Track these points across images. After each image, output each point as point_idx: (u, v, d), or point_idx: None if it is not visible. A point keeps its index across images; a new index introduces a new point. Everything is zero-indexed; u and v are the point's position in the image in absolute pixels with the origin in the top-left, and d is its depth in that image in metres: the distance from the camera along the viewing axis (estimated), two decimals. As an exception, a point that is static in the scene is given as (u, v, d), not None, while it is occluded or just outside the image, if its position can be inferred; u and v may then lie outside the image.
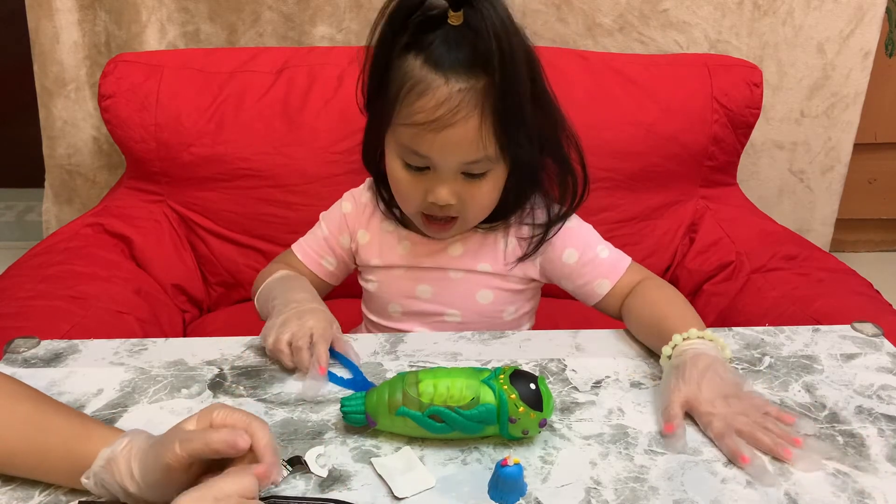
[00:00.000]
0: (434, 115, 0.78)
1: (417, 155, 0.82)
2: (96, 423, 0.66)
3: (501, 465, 0.63)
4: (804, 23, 1.54)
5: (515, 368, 0.70)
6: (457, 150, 0.81)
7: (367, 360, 0.83)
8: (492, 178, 0.84)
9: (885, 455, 0.70)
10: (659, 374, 0.81)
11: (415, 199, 0.86)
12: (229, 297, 1.34)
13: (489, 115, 0.79)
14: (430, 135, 0.79)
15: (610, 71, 1.33)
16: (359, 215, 0.98)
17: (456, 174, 0.83)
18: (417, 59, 0.80)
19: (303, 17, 1.52)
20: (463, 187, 0.84)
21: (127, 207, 1.30)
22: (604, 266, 0.92)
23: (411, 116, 0.80)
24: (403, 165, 0.84)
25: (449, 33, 0.79)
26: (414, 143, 0.81)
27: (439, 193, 0.83)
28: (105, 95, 1.27)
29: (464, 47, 0.78)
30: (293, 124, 1.27)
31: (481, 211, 0.88)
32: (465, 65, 0.78)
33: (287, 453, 0.68)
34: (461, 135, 0.79)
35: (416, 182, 0.84)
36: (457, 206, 0.85)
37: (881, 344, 0.87)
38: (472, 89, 0.78)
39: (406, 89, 0.80)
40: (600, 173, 1.27)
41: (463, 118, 0.78)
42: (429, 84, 0.79)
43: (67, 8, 1.51)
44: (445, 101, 0.78)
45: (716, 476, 0.67)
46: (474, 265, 0.94)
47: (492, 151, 0.81)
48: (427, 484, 0.65)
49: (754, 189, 1.65)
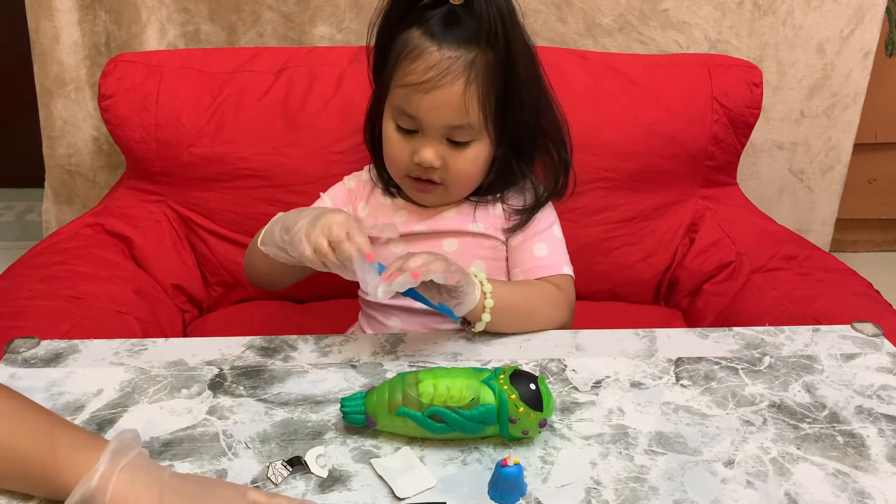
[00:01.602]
0: (424, 77, 0.87)
1: (406, 115, 0.90)
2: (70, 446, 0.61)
3: (501, 465, 0.63)
4: (804, 23, 1.54)
5: (515, 368, 0.70)
6: (441, 112, 0.88)
7: (367, 360, 0.83)
8: (475, 149, 0.92)
9: (885, 455, 0.70)
10: (659, 374, 0.81)
11: (402, 160, 0.93)
12: (229, 297, 1.34)
13: (475, 83, 0.87)
14: (418, 95, 0.87)
15: (610, 71, 1.32)
16: (360, 190, 1.05)
17: (441, 138, 0.90)
18: (418, 31, 0.88)
19: (303, 17, 1.52)
20: (447, 152, 0.91)
21: (127, 207, 1.30)
22: (529, 262, 0.97)
23: (404, 77, 0.88)
24: (396, 128, 0.92)
25: (449, 11, 0.87)
26: (404, 103, 0.89)
27: (424, 154, 0.90)
28: (105, 95, 1.27)
29: (462, 24, 0.87)
30: (293, 124, 1.27)
31: (464, 180, 0.95)
32: (459, 38, 0.87)
33: (287, 453, 0.68)
34: (446, 97, 0.87)
35: (404, 143, 0.92)
36: (440, 171, 0.92)
37: (881, 344, 0.87)
38: (461, 58, 0.87)
39: (404, 55, 0.89)
40: (600, 173, 1.27)
41: (449, 82, 0.87)
42: (423, 49, 0.88)
43: (67, 8, 1.51)
44: (436, 65, 0.87)
45: (716, 476, 0.67)
46: (466, 226, 0.99)
47: (474, 120, 0.89)
48: (428, 483, 0.65)
49: (754, 189, 1.65)
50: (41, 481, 0.60)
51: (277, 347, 0.85)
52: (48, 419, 0.63)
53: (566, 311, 0.95)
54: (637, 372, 0.82)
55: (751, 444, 0.71)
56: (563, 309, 0.95)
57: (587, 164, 1.22)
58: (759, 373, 0.81)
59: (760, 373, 0.81)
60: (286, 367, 0.82)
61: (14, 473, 0.60)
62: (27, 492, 0.62)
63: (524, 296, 0.92)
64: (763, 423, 0.74)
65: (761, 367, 0.82)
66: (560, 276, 0.97)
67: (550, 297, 0.94)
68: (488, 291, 0.85)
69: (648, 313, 1.33)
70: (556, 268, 0.97)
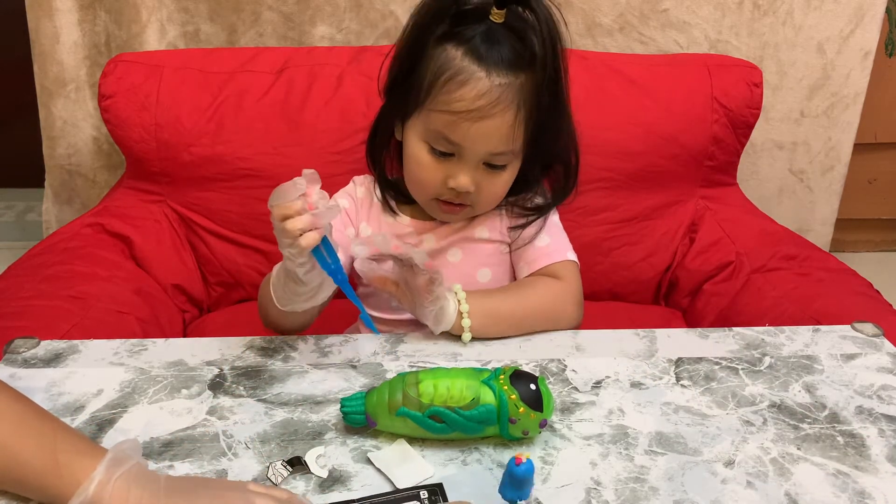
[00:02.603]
0: (474, 105, 0.82)
1: (448, 141, 0.85)
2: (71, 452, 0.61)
3: (515, 463, 0.62)
4: (804, 23, 1.54)
5: (515, 369, 0.70)
6: (489, 141, 0.85)
7: (367, 360, 0.83)
8: (510, 171, 0.90)
9: (885, 455, 0.70)
10: (659, 374, 0.81)
11: (433, 184, 0.89)
12: (229, 297, 1.34)
13: (524, 111, 0.84)
14: (466, 123, 0.83)
15: (610, 71, 1.32)
16: (358, 209, 1.00)
17: (478, 163, 0.87)
18: (458, 50, 0.83)
19: (303, 17, 1.52)
20: (482, 176, 0.88)
21: (127, 207, 1.30)
22: (531, 254, 0.96)
23: (450, 104, 0.83)
24: (429, 150, 0.87)
25: (491, 29, 0.83)
26: (448, 129, 0.84)
27: (461, 180, 0.87)
28: (105, 95, 1.27)
29: (505, 45, 0.82)
30: (293, 124, 1.27)
31: (492, 200, 0.93)
32: (507, 61, 0.82)
33: (287, 454, 0.68)
34: (496, 127, 0.83)
35: (438, 167, 0.88)
36: (473, 194, 0.89)
37: (881, 344, 0.87)
38: (511, 85, 0.83)
39: (446, 77, 0.83)
40: (600, 173, 1.27)
41: (501, 111, 0.83)
42: (471, 75, 0.82)
43: (67, 8, 1.51)
44: (486, 94, 0.82)
45: (716, 476, 0.67)
46: (472, 233, 0.97)
47: (518, 146, 0.86)
48: (426, 474, 0.66)
49: (754, 189, 1.65)
50: (40, 487, 0.60)
51: (277, 347, 0.85)
52: (52, 425, 0.63)
53: (571, 307, 0.93)
54: (637, 372, 0.81)
55: (751, 445, 0.71)
56: (568, 305, 0.93)
57: (587, 164, 1.21)
58: (760, 373, 0.81)
59: (760, 373, 0.81)
60: (286, 367, 0.82)
61: (14, 477, 0.60)
62: (26, 495, 0.62)
63: (515, 302, 0.90)
64: (763, 424, 0.74)
65: (761, 368, 0.82)
66: (563, 264, 0.95)
67: (550, 297, 0.92)
68: (465, 310, 0.84)
69: (648, 313, 1.33)
70: (560, 254, 0.96)
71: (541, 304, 0.91)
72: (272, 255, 1.30)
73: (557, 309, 0.91)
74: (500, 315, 0.87)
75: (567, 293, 0.93)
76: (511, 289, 0.95)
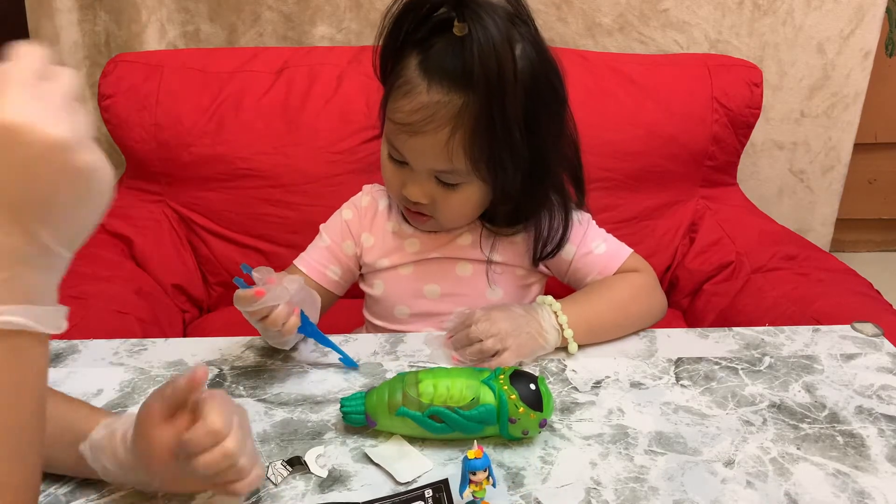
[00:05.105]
0: (409, 119, 0.80)
1: (396, 150, 0.85)
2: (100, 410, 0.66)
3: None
4: (804, 23, 1.54)
5: (515, 369, 0.70)
6: (426, 157, 0.82)
7: (367, 360, 0.83)
8: (465, 191, 0.85)
9: (885, 455, 0.70)
10: (659, 374, 0.81)
11: (394, 189, 0.89)
12: (229, 297, 1.33)
13: (461, 131, 0.79)
14: (403, 135, 0.82)
15: (610, 71, 1.33)
16: (361, 219, 0.98)
17: (429, 176, 0.85)
18: (415, 59, 0.81)
19: (303, 17, 1.52)
20: (436, 190, 0.85)
21: (127, 207, 1.30)
22: (599, 262, 0.93)
23: (394, 113, 0.82)
24: (388, 155, 0.87)
25: (450, 42, 0.79)
26: (392, 137, 0.84)
27: (410, 190, 0.86)
28: (105, 95, 1.27)
29: (458, 60, 0.77)
30: (293, 124, 1.27)
31: (453, 217, 0.90)
32: (451, 77, 0.78)
33: (287, 453, 0.68)
34: (429, 144, 0.81)
35: (396, 173, 0.87)
36: (429, 206, 0.87)
37: (881, 344, 0.87)
38: (449, 104, 0.79)
39: (397, 85, 0.82)
40: (600, 173, 1.27)
41: (433, 129, 0.80)
42: (413, 87, 0.80)
43: (67, 8, 1.51)
44: (421, 109, 0.79)
45: (716, 476, 0.67)
46: (482, 255, 0.94)
47: (461, 166, 0.82)
48: (425, 467, 0.66)
49: (754, 189, 1.65)
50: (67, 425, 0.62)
51: (277, 347, 0.85)
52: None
53: (661, 293, 0.93)
54: (637, 372, 0.81)
55: (751, 445, 0.71)
56: (658, 291, 0.93)
57: (587, 164, 1.21)
58: (759, 373, 0.81)
59: (760, 373, 0.81)
60: (286, 367, 0.82)
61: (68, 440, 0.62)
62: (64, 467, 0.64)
63: (608, 302, 0.88)
64: (763, 424, 0.74)
65: (761, 368, 0.82)
66: (631, 258, 0.94)
67: (636, 289, 0.91)
68: (568, 334, 0.83)
69: (648, 313, 1.33)
70: (623, 251, 0.94)
71: (634, 297, 0.90)
72: (272, 255, 1.30)
73: (653, 296, 0.92)
74: (602, 322, 0.87)
75: (653, 280, 0.94)
76: (599, 294, 0.90)
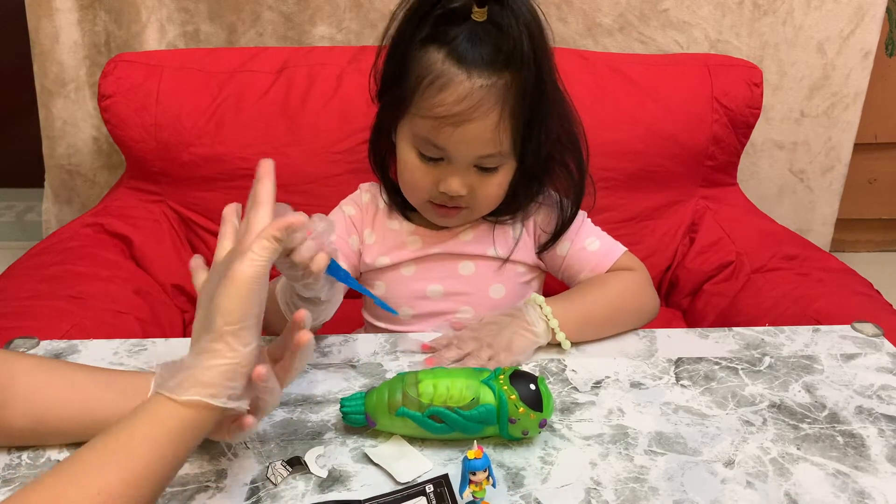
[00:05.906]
0: (454, 110, 0.80)
1: (434, 146, 0.84)
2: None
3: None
4: (804, 23, 1.54)
5: (515, 369, 0.70)
6: (474, 145, 0.83)
7: (367, 360, 0.83)
8: (503, 173, 0.87)
9: (885, 455, 0.70)
10: (659, 374, 0.81)
11: (424, 188, 0.87)
12: (229, 297, 1.34)
13: (508, 112, 0.81)
14: (448, 128, 0.81)
15: (610, 71, 1.33)
16: (363, 216, 0.98)
17: (469, 166, 0.85)
18: (440, 53, 0.81)
19: (303, 17, 1.52)
20: (475, 179, 0.86)
21: (127, 207, 1.30)
22: (592, 259, 0.94)
23: (432, 109, 0.81)
24: (417, 155, 0.86)
25: (473, 29, 0.80)
26: (432, 134, 0.83)
27: (451, 184, 0.85)
28: (105, 95, 1.27)
29: (487, 44, 0.80)
30: (293, 124, 1.27)
31: (489, 203, 0.90)
32: (488, 61, 0.80)
33: (287, 454, 0.68)
34: (479, 130, 0.81)
35: (428, 172, 0.86)
36: (467, 197, 0.87)
37: (881, 344, 0.87)
38: (493, 86, 0.80)
39: (427, 82, 0.81)
40: (600, 173, 1.27)
41: (482, 114, 0.80)
42: (451, 78, 0.80)
43: (67, 8, 1.51)
44: (467, 97, 0.80)
45: (716, 476, 0.67)
46: (485, 251, 0.94)
47: (507, 147, 0.84)
48: (425, 467, 0.67)
49: (754, 189, 1.65)
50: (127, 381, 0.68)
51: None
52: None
53: (652, 291, 0.94)
54: (637, 372, 0.81)
55: (751, 445, 0.71)
56: (649, 289, 0.93)
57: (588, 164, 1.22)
58: (759, 373, 0.81)
59: (760, 373, 0.81)
60: (286, 367, 0.81)
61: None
62: None
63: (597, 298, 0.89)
64: (763, 424, 0.74)
65: (761, 368, 0.82)
66: (624, 256, 0.94)
67: (627, 287, 0.91)
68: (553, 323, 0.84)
69: (648, 313, 1.33)
70: (616, 249, 0.95)
71: (625, 294, 0.90)
72: (272, 255, 1.30)
73: (645, 295, 0.92)
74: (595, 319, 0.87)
75: (646, 279, 0.94)
76: (592, 292, 0.91)
